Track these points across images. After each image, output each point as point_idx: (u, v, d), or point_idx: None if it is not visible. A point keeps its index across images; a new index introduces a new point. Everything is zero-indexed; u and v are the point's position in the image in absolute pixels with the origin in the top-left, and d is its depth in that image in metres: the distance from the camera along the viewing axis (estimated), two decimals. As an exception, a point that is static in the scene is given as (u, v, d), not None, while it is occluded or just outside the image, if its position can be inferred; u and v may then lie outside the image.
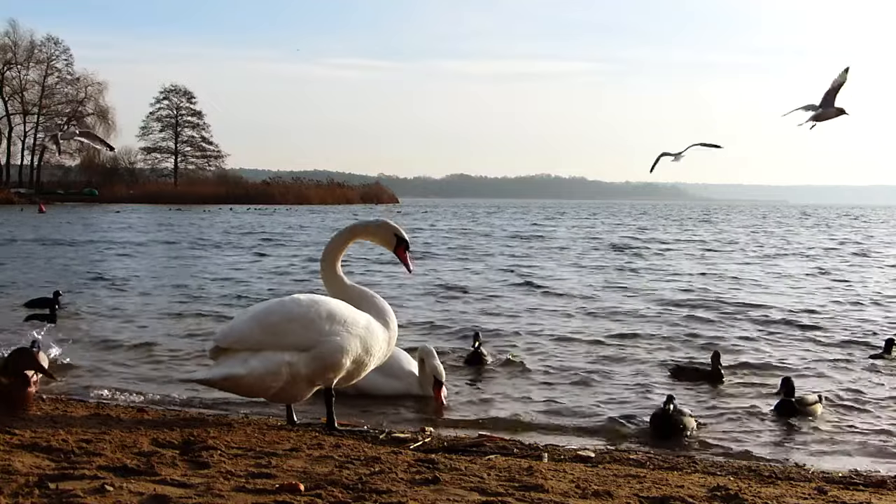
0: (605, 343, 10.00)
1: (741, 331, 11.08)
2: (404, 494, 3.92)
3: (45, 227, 36.95)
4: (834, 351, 9.77)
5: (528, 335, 10.44)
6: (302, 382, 5.54)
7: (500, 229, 43.55)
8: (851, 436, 6.36)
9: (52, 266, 19.36)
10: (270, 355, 5.42)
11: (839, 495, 4.43)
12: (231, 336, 5.56)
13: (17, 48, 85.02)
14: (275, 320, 5.50)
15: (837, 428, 6.55)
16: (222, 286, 15.73)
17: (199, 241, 29.39)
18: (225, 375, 5.43)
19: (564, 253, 26.29)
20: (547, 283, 16.81)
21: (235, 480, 4.06)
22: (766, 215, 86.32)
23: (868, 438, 6.29)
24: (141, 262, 20.86)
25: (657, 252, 27.04)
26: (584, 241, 33.43)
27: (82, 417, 5.68)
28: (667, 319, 12.00)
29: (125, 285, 15.54)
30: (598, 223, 55.17)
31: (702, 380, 7.94)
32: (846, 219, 75.73)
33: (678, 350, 9.71)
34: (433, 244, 29.91)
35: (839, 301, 14.50)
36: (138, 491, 3.80)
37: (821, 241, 35.32)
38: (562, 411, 6.93)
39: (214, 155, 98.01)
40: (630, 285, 16.72)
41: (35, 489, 3.76)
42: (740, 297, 14.59)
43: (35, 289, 13.96)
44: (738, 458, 5.73)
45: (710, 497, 4.19)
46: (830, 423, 6.68)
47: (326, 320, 5.52)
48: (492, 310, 12.83)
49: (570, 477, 4.48)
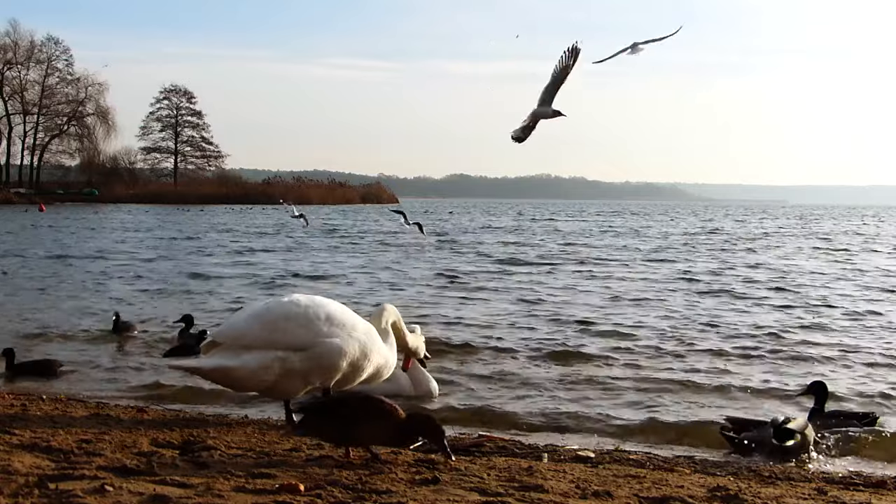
0: (610, 343, 10.01)
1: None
2: (404, 494, 3.92)
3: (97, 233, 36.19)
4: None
5: (528, 333, 10.45)
6: (295, 379, 5.53)
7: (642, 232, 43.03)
8: (851, 436, 6.35)
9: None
10: (265, 351, 5.44)
11: (839, 495, 4.43)
12: (229, 333, 5.58)
13: (17, 48, 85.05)
14: (273, 319, 5.51)
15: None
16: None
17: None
18: (216, 366, 5.45)
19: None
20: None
21: (235, 480, 4.06)
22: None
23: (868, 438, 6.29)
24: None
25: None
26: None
27: (82, 417, 5.68)
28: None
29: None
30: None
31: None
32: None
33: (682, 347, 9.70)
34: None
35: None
36: (138, 491, 3.80)
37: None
38: (562, 411, 6.93)
39: (214, 155, 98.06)
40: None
41: (35, 489, 3.75)
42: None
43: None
44: (739, 459, 5.73)
45: (710, 497, 4.19)
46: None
47: (325, 322, 5.53)
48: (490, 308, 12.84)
49: (570, 477, 4.48)
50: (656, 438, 6.26)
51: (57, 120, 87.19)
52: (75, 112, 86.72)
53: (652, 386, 7.82)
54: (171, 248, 25.87)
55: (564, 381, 8.00)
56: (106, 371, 8.32)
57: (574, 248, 28.45)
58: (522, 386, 7.80)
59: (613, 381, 8.05)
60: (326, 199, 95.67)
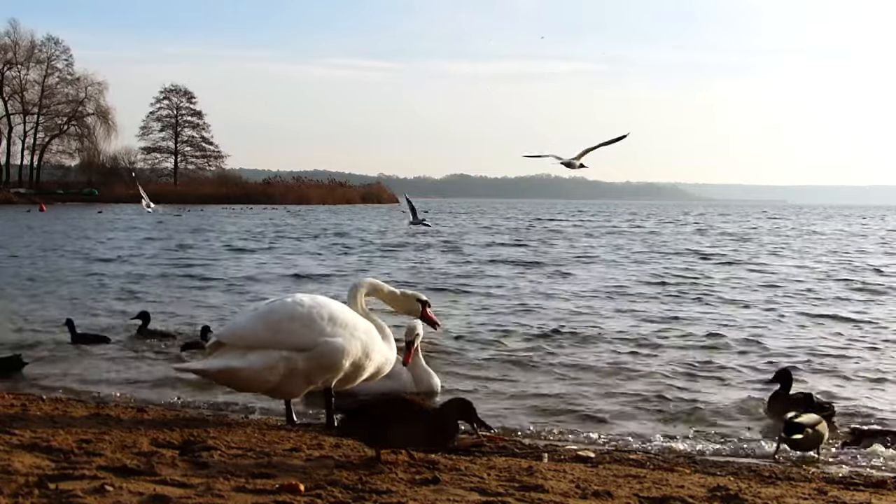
0: (616, 343, 10.01)
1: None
2: (404, 494, 3.92)
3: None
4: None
5: (526, 333, 10.45)
6: (299, 379, 5.56)
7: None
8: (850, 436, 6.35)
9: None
10: (270, 351, 5.46)
11: (839, 495, 4.43)
12: (233, 333, 5.61)
13: (17, 48, 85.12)
14: (277, 319, 5.54)
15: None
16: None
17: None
18: (221, 367, 5.47)
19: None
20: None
21: (235, 480, 4.06)
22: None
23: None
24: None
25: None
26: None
27: (82, 417, 5.68)
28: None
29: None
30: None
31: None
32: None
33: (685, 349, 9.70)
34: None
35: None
36: (138, 491, 3.80)
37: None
38: (563, 411, 6.93)
39: (214, 155, 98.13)
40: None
41: (35, 489, 3.75)
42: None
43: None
44: (739, 458, 5.73)
45: (710, 497, 4.19)
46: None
47: (328, 322, 5.56)
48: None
49: (570, 477, 4.48)
50: (657, 437, 6.24)
51: (57, 120, 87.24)
52: (75, 112, 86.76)
53: (652, 385, 7.81)
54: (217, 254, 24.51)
55: (564, 381, 8.00)
56: (112, 370, 8.31)
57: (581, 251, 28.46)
58: (523, 385, 7.80)
59: (613, 380, 8.05)
60: (326, 199, 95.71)
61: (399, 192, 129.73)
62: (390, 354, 5.98)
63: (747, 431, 6.46)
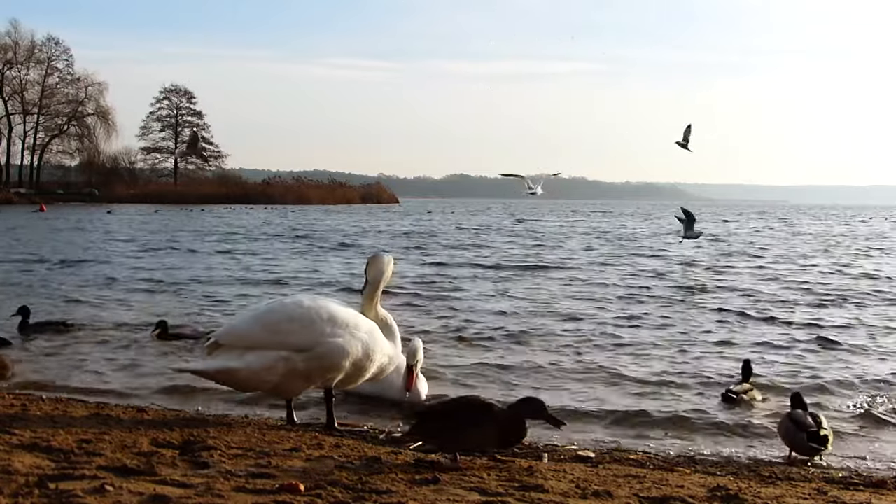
0: (611, 341, 10.00)
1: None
2: (404, 494, 3.92)
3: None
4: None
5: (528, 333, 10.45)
6: (298, 379, 5.56)
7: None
8: (852, 436, 6.36)
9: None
10: (268, 352, 5.46)
11: (839, 495, 4.43)
12: (232, 334, 5.61)
13: (17, 48, 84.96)
14: (275, 320, 5.53)
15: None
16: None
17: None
18: (220, 368, 5.48)
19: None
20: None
21: (235, 480, 4.06)
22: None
23: (868, 438, 6.30)
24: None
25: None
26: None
27: (82, 417, 5.68)
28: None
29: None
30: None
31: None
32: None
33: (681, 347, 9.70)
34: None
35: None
36: (138, 491, 3.80)
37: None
38: (562, 411, 6.92)
39: (214, 155, 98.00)
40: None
41: (35, 489, 3.76)
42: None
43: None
44: (739, 458, 5.74)
45: (710, 497, 4.19)
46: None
47: (327, 322, 5.55)
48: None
49: (570, 477, 4.48)
50: (657, 437, 6.25)
51: (57, 120, 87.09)
52: (75, 112, 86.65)
53: (652, 385, 7.81)
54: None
55: (565, 381, 8.00)
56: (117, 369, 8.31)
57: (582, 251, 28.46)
58: (523, 384, 7.80)
59: (613, 380, 8.05)
60: (326, 199, 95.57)
61: (399, 192, 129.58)
62: (394, 353, 5.93)
63: (747, 431, 6.46)
